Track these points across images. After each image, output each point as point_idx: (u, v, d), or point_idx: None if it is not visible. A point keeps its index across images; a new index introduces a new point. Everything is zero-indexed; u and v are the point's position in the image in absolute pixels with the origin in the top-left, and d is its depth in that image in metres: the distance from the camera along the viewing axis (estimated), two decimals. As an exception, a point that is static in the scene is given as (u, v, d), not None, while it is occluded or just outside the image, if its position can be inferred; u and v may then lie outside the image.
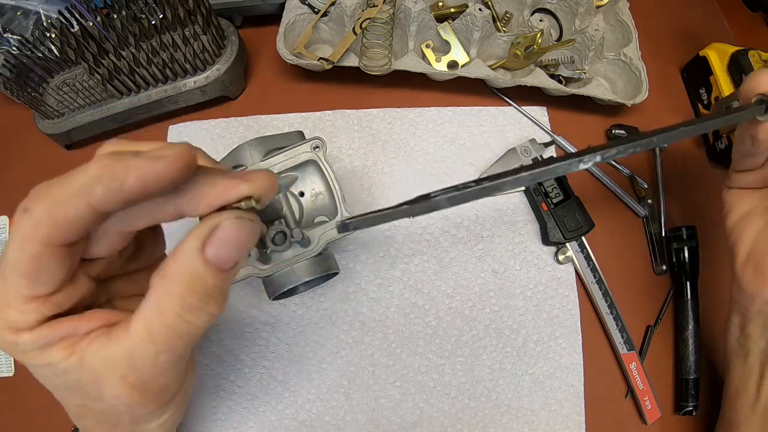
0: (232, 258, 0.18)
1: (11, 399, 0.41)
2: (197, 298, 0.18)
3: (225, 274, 0.18)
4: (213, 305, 0.18)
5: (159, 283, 0.18)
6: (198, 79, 0.44)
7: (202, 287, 0.18)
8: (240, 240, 0.18)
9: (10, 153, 0.48)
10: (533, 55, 0.45)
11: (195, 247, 0.18)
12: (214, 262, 0.18)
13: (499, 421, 0.40)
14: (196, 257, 0.18)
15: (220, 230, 0.18)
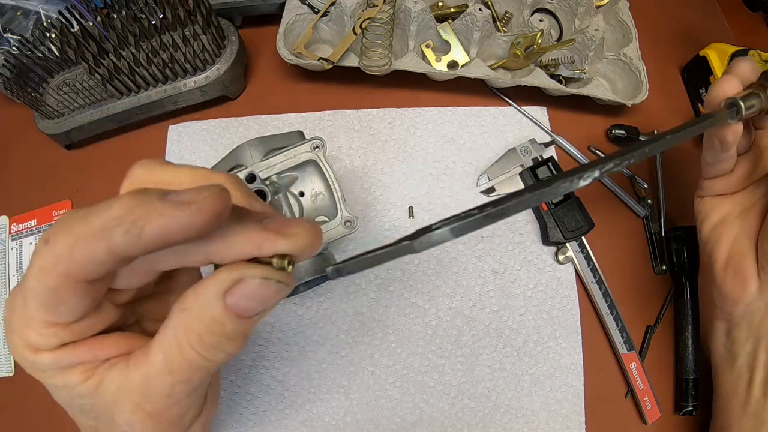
0: (254, 310, 0.18)
1: (11, 399, 0.41)
2: (215, 339, 0.18)
3: (246, 320, 0.18)
4: (231, 346, 0.18)
5: (179, 316, 0.18)
6: (198, 79, 0.44)
7: (221, 330, 0.17)
8: (264, 298, 0.18)
9: (10, 153, 0.48)
10: (533, 55, 0.45)
11: (215, 293, 0.17)
12: (234, 310, 0.17)
13: (499, 421, 0.40)
14: (217, 303, 0.17)
15: (243, 285, 0.17)
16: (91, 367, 0.19)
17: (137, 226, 0.15)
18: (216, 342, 0.18)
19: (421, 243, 0.17)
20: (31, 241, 0.45)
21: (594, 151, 0.48)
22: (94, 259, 0.16)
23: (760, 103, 0.29)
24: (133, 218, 0.15)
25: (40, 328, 0.18)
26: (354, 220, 0.34)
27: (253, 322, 0.18)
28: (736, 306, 0.33)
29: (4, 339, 0.43)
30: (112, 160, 0.47)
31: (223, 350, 0.18)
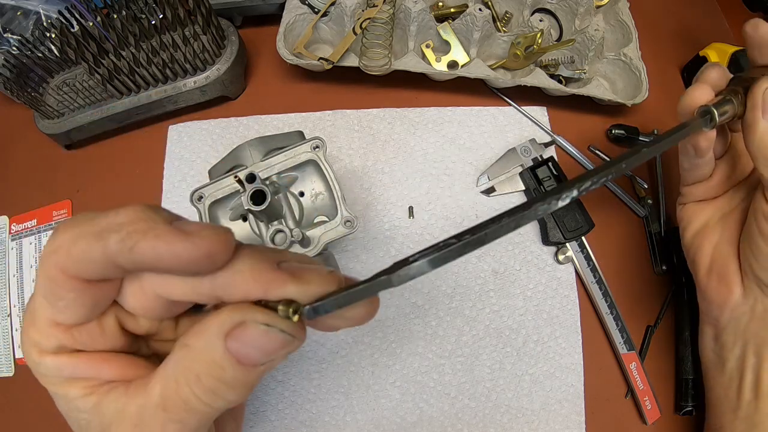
0: (256, 360, 0.16)
1: (11, 399, 0.41)
2: (214, 384, 0.16)
3: (248, 369, 0.16)
4: (231, 394, 0.17)
5: (180, 351, 0.17)
6: (198, 79, 0.44)
7: (220, 375, 0.16)
8: (266, 348, 0.16)
9: (10, 153, 0.48)
10: (533, 55, 0.45)
11: (216, 333, 0.16)
12: (235, 355, 0.16)
13: (499, 421, 0.40)
14: (217, 344, 0.16)
15: (244, 330, 0.16)
16: (93, 385, 0.18)
17: (132, 239, 0.15)
18: (214, 387, 0.16)
19: (399, 277, 0.16)
20: (31, 241, 0.45)
21: (594, 151, 0.48)
22: (88, 258, 0.15)
23: (733, 108, 0.29)
24: (131, 230, 0.15)
25: (43, 326, 0.18)
26: (354, 220, 0.34)
27: (258, 373, 0.17)
28: (722, 311, 0.33)
29: (4, 339, 0.43)
30: (112, 160, 0.47)
31: (222, 397, 0.17)
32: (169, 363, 0.17)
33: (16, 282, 0.44)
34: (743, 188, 0.34)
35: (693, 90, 0.31)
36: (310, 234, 0.34)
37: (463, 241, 0.16)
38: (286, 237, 0.33)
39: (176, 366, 0.17)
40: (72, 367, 0.18)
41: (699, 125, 0.28)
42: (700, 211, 0.36)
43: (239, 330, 0.16)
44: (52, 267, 0.16)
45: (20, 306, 0.43)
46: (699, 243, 0.35)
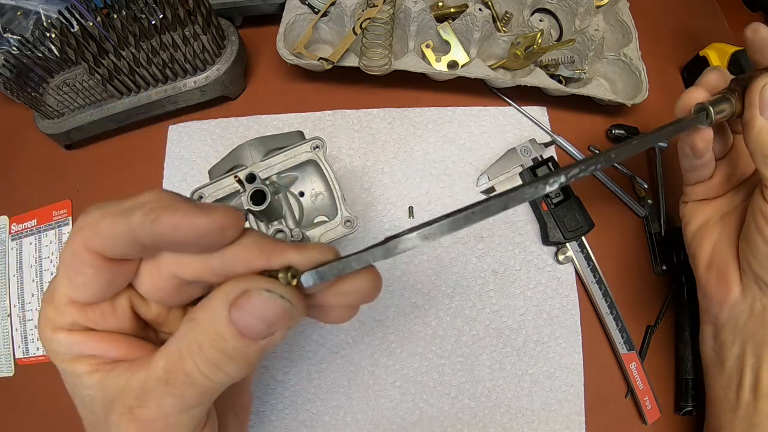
0: (258, 330, 0.17)
1: (11, 399, 0.41)
2: (216, 355, 0.17)
3: (250, 342, 0.17)
4: (231, 367, 0.17)
5: (186, 325, 0.18)
6: (198, 79, 0.44)
7: (222, 346, 0.17)
8: (267, 315, 0.17)
9: (10, 153, 0.48)
10: (533, 55, 0.45)
11: (221, 303, 0.17)
12: (237, 326, 0.17)
13: (499, 421, 0.40)
14: (222, 313, 0.17)
15: (248, 298, 0.17)
16: (99, 362, 0.19)
17: (154, 213, 0.16)
18: (216, 358, 0.17)
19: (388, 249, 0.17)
20: (31, 241, 0.45)
21: (594, 151, 0.48)
22: (113, 233, 0.17)
23: (731, 107, 0.29)
24: (154, 206, 0.17)
25: (60, 303, 0.19)
26: (354, 220, 0.34)
27: (259, 349, 0.17)
28: (722, 309, 0.33)
29: (4, 339, 0.43)
30: (112, 160, 0.47)
31: (223, 370, 0.17)
32: (173, 338, 0.18)
33: (16, 282, 0.44)
34: (744, 189, 0.34)
35: (690, 91, 0.31)
36: (310, 234, 0.34)
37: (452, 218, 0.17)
38: (286, 237, 0.33)
39: (180, 339, 0.18)
40: (82, 345, 0.19)
41: (695, 121, 0.28)
42: (701, 210, 0.36)
43: (242, 299, 0.17)
44: (78, 242, 0.17)
45: (20, 306, 0.43)
46: (699, 240, 0.35)
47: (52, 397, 0.41)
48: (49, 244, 0.44)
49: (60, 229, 0.45)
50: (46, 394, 0.41)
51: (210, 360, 0.17)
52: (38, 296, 0.43)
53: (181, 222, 0.16)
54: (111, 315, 0.19)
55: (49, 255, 0.44)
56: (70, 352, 0.19)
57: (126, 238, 0.17)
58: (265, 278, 0.17)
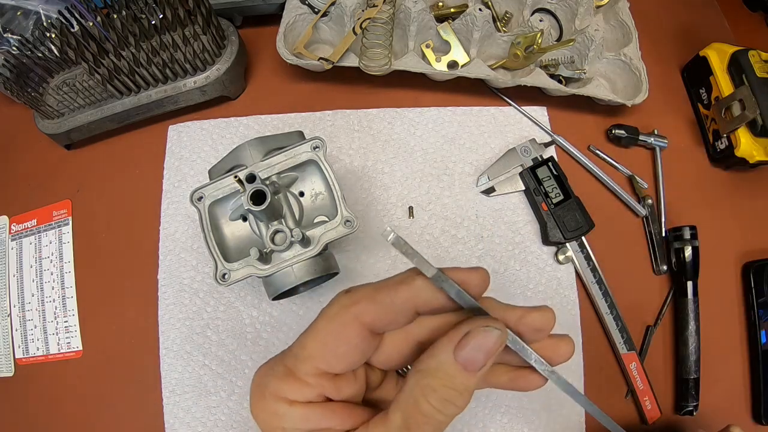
0: (480, 362, 0.19)
1: (11, 399, 0.41)
2: (448, 393, 0.19)
3: (472, 375, 0.20)
4: (461, 400, 0.20)
5: (415, 376, 0.20)
6: (198, 79, 0.44)
7: (452, 384, 0.19)
8: (487, 347, 0.19)
9: (10, 153, 0.48)
10: (533, 55, 0.45)
11: (448, 348, 0.19)
12: (462, 363, 0.19)
13: (499, 421, 0.40)
14: (449, 357, 0.19)
15: (471, 336, 0.19)
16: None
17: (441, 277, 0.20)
18: (449, 395, 0.19)
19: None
20: (31, 241, 0.45)
21: (594, 151, 0.48)
22: (394, 306, 0.20)
23: None
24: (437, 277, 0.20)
25: (307, 375, 0.20)
26: (354, 220, 0.34)
27: (478, 378, 0.20)
28: None
29: (4, 339, 0.43)
30: (112, 160, 0.47)
31: (454, 404, 0.19)
32: (404, 391, 0.20)
33: (16, 282, 0.44)
34: None
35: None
36: (310, 234, 0.34)
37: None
38: (286, 237, 0.33)
39: (413, 388, 0.20)
40: (319, 417, 0.20)
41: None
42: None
43: (465, 339, 0.19)
44: (350, 314, 0.20)
45: (20, 306, 0.43)
46: None
47: (52, 397, 0.41)
48: (49, 244, 0.44)
49: (60, 229, 0.45)
50: (46, 394, 0.41)
51: (443, 397, 0.19)
52: (38, 296, 0.43)
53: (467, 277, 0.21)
54: (353, 383, 0.22)
55: (49, 255, 0.44)
56: (303, 427, 0.20)
57: (405, 310, 0.20)
58: (481, 318, 0.20)
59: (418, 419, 0.19)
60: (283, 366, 0.21)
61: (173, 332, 0.41)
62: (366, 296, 0.20)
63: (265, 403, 0.20)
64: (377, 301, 0.20)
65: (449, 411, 0.19)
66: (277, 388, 0.20)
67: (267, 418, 0.20)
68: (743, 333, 0.44)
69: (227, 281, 0.33)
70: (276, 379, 0.21)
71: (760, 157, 0.44)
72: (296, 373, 0.20)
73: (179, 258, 0.43)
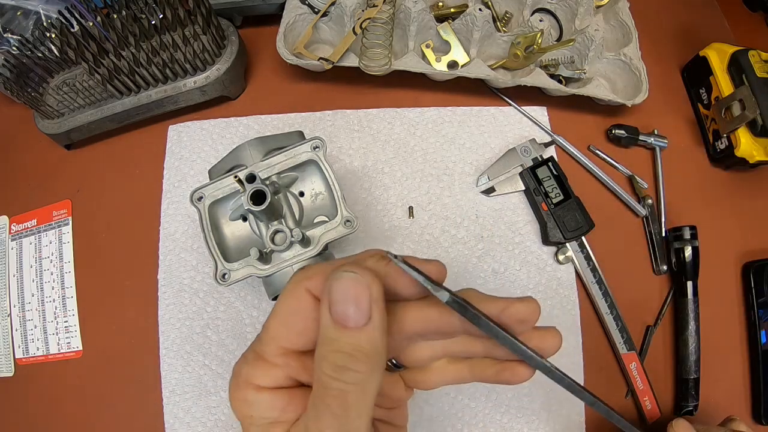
0: (352, 314, 0.18)
1: (11, 399, 0.41)
2: (336, 358, 0.18)
3: (356, 331, 0.18)
4: (356, 364, 0.18)
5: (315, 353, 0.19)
6: (198, 79, 0.44)
7: (338, 347, 0.18)
8: (350, 294, 0.18)
9: (10, 153, 0.48)
10: (533, 55, 0.45)
11: (325, 311, 0.18)
12: (336, 318, 0.18)
13: (499, 421, 0.40)
14: (327, 319, 0.18)
15: (331, 290, 0.18)
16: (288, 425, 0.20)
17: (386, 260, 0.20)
18: (339, 360, 0.18)
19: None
20: (31, 241, 0.45)
21: (594, 151, 0.48)
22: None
23: None
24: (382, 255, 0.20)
25: (274, 355, 0.20)
26: (354, 220, 0.34)
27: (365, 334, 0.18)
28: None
29: (4, 339, 0.43)
30: (112, 160, 0.47)
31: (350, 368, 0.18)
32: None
33: (16, 282, 0.44)
34: None
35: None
36: (310, 234, 0.34)
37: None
38: (286, 237, 0.33)
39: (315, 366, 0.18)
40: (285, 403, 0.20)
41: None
42: None
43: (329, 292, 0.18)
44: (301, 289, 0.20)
45: (20, 306, 0.43)
46: None
47: (52, 397, 0.41)
48: (49, 244, 0.44)
49: (60, 229, 0.45)
50: (46, 394, 0.41)
51: (334, 363, 0.18)
52: (38, 296, 0.43)
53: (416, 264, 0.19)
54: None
55: (49, 255, 0.44)
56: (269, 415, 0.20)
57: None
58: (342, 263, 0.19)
59: (321, 393, 0.18)
60: (252, 352, 0.21)
61: (173, 332, 0.41)
62: (319, 272, 0.20)
63: (238, 391, 0.20)
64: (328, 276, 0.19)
65: (348, 378, 0.18)
66: (248, 374, 0.20)
67: (239, 406, 0.20)
68: (743, 333, 0.44)
69: (227, 281, 0.33)
70: (247, 365, 0.20)
71: (760, 157, 0.44)
72: (263, 356, 0.20)
73: (179, 258, 0.43)
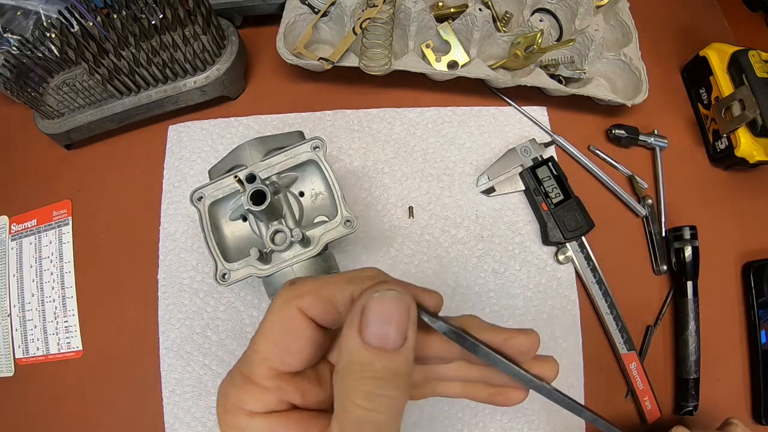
0: (392, 335, 0.17)
1: (11, 399, 0.41)
2: (371, 385, 0.17)
3: (392, 354, 0.17)
4: (391, 389, 0.17)
5: (335, 380, 0.18)
6: (198, 79, 0.44)
7: (371, 372, 0.17)
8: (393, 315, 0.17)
9: (10, 153, 0.48)
10: (533, 55, 0.45)
11: (351, 335, 0.17)
12: (371, 342, 0.17)
13: (499, 421, 0.40)
14: (357, 342, 0.17)
15: (368, 309, 0.17)
16: None
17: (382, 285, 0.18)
18: (374, 387, 0.17)
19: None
20: (31, 241, 0.45)
21: (594, 151, 0.48)
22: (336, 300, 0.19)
23: None
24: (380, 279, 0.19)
25: (264, 378, 0.19)
26: (354, 220, 0.34)
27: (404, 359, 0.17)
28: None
29: (4, 339, 0.43)
30: (112, 160, 0.47)
31: (386, 395, 0.17)
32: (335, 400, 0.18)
33: (16, 282, 0.44)
34: None
35: None
36: (310, 234, 0.34)
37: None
38: (286, 237, 0.33)
39: (337, 396, 0.17)
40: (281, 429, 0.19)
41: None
42: None
43: (364, 314, 0.17)
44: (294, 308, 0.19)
45: (20, 306, 0.43)
46: None
47: (52, 397, 0.41)
48: (49, 244, 0.44)
49: (60, 229, 0.45)
50: (46, 394, 0.41)
51: (369, 392, 0.16)
52: (38, 296, 0.43)
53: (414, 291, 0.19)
54: (317, 387, 0.20)
55: (49, 255, 0.44)
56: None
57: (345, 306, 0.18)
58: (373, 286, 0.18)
59: (355, 427, 0.17)
60: (240, 374, 0.19)
61: (173, 332, 0.41)
62: (311, 290, 0.19)
63: (228, 417, 0.19)
64: (321, 296, 0.19)
65: (384, 406, 0.17)
66: (237, 398, 0.19)
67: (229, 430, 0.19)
68: (743, 333, 0.44)
69: (227, 281, 0.33)
70: (235, 389, 0.19)
71: (760, 157, 0.44)
72: (253, 379, 0.19)
73: (179, 258, 0.43)
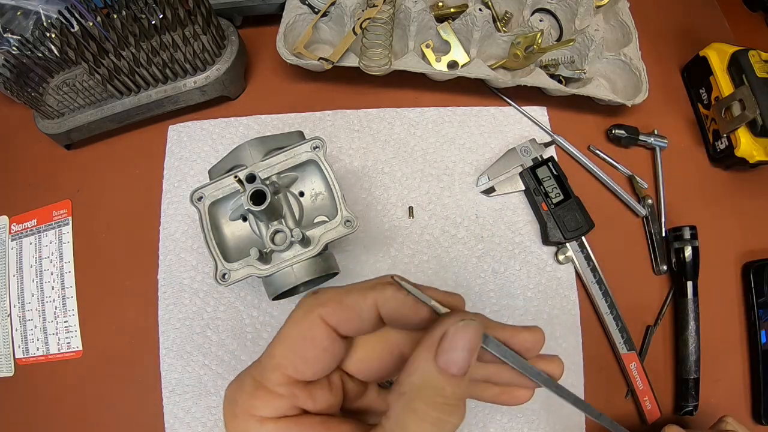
0: (466, 362, 0.17)
1: (11, 399, 0.41)
2: (439, 410, 0.17)
3: (461, 380, 0.17)
4: (454, 415, 0.17)
5: (399, 401, 0.17)
6: (198, 79, 0.44)
7: (442, 398, 0.17)
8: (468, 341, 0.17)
9: (10, 153, 0.48)
10: (533, 55, 0.45)
11: (428, 357, 0.17)
12: (447, 368, 0.17)
13: (499, 421, 0.40)
14: (432, 367, 0.17)
15: (452, 336, 0.17)
16: None
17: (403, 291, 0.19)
18: (443, 412, 0.17)
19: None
20: (31, 241, 0.45)
21: (594, 151, 0.48)
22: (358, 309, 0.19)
23: None
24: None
25: (277, 385, 0.19)
26: (354, 220, 0.34)
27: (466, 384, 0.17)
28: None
29: (4, 339, 0.43)
30: (112, 160, 0.47)
31: (450, 421, 0.17)
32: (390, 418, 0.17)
33: (16, 282, 0.44)
34: None
35: None
36: (310, 234, 0.34)
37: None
38: (286, 237, 0.33)
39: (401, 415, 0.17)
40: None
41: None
42: None
43: (445, 341, 0.17)
44: (315, 317, 0.19)
45: (20, 306, 0.43)
46: None
47: (52, 397, 0.41)
48: (49, 244, 0.44)
49: (60, 229, 0.45)
50: (46, 394, 0.41)
51: (437, 417, 0.17)
52: (38, 296, 0.43)
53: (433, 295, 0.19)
54: (328, 392, 0.20)
55: (49, 255, 0.44)
56: None
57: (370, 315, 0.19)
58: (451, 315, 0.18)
59: None
60: (251, 379, 0.19)
61: (173, 332, 0.41)
62: (333, 298, 0.19)
63: (236, 422, 0.19)
64: (344, 304, 0.19)
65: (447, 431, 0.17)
66: (248, 404, 0.19)
67: None
68: (743, 333, 0.44)
69: (227, 281, 0.33)
70: (245, 394, 0.19)
71: (760, 157, 0.44)
72: (266, 385, 0.19)
73: (179, 258, 0.43)
